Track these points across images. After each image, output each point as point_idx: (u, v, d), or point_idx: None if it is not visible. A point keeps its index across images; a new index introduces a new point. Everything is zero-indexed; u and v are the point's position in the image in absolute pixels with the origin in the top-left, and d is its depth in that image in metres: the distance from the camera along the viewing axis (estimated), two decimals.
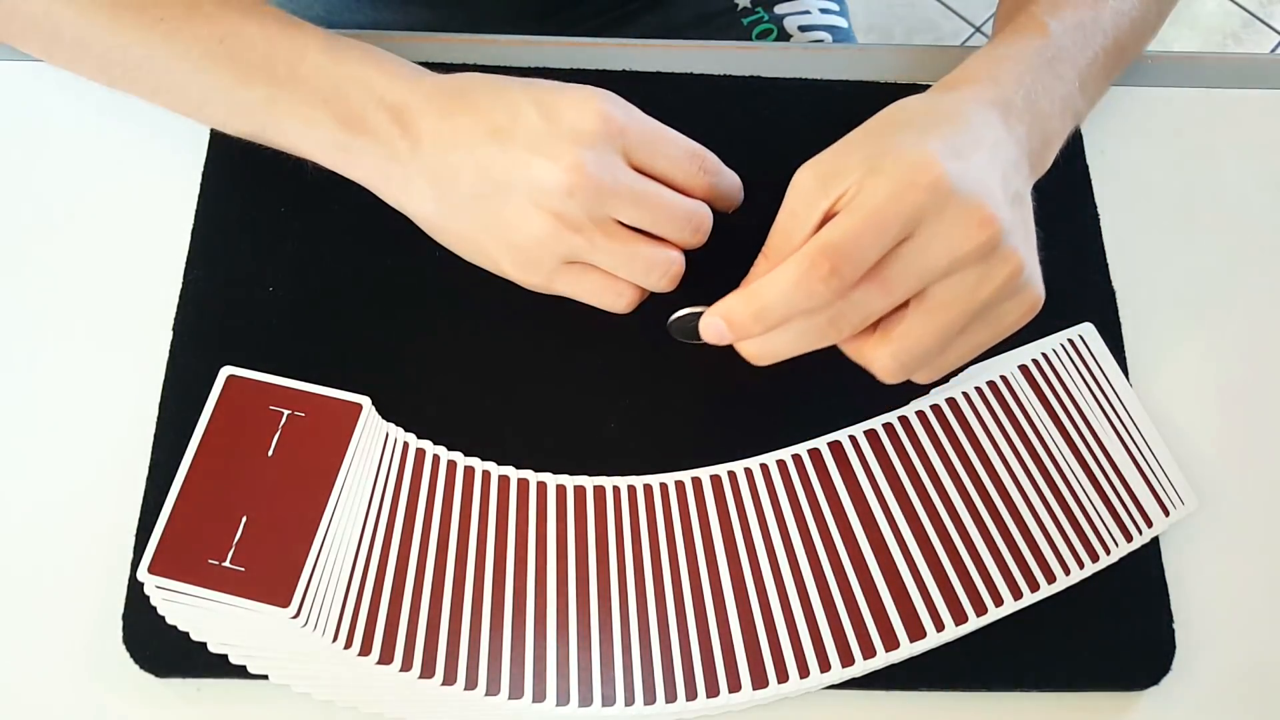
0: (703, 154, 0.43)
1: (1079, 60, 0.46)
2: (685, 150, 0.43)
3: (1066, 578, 0.45)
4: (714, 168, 0.44)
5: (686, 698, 0.42)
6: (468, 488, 0.46)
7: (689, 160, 0.43)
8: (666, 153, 0.42)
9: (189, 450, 0.45)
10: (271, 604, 0.42)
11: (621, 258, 0.42)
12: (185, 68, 0.45)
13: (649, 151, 0.42)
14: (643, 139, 0.42)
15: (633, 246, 0.42)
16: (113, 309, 0.50)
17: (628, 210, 0.41)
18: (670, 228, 0.42)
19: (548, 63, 0.56)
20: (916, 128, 0.40)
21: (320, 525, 0.44)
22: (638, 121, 0.42)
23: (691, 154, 0.43)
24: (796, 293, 0.38)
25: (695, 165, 0.43)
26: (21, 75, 0.54)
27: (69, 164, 0.53)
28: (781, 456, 0.47)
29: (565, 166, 0.40)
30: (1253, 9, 1.62)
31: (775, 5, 0.72)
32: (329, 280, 0.50)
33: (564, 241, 0.42)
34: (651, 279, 0.43)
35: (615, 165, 0.41)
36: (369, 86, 0.43)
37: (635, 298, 0.44)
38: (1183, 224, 0.54)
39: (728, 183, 0.45)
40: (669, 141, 0.43)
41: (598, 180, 0.40)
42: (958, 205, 0.38)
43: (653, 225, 0.42)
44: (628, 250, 0.42)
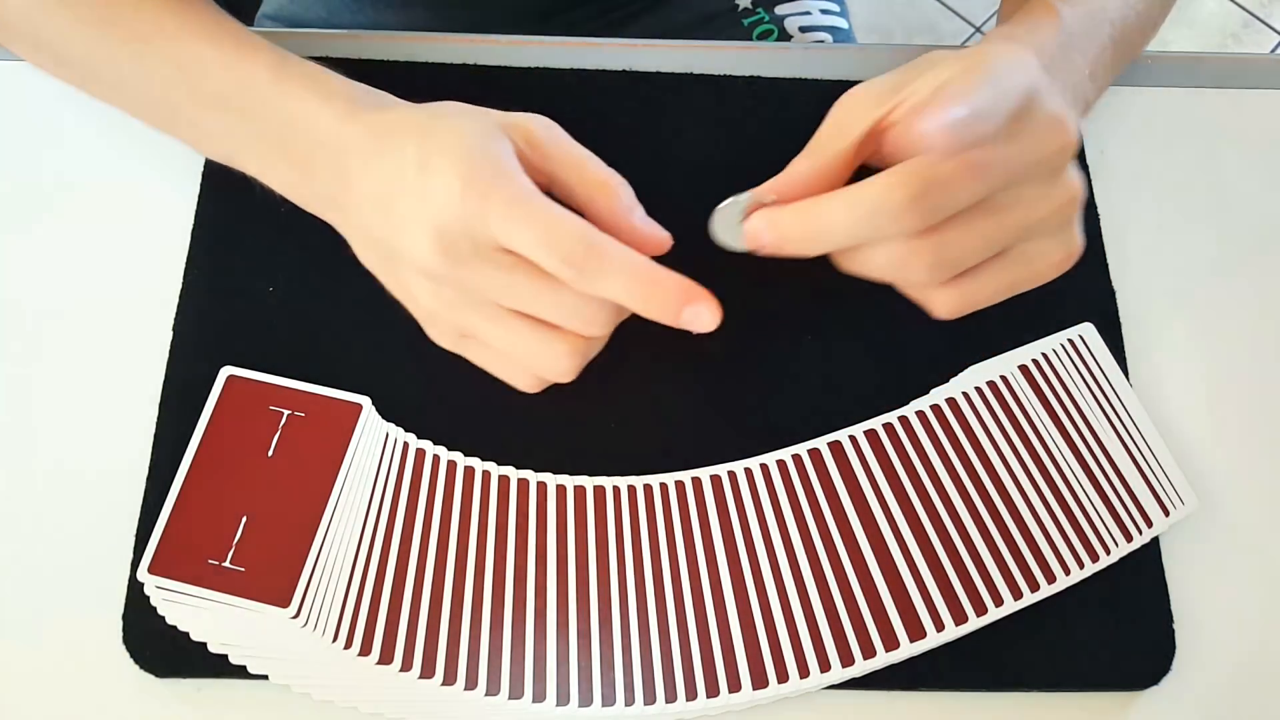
0: (570, 239, 0.36)
1: (1089, 49, 0.46)
2: (544, 235, 0.35)
3: (1066, 578, 0.45)
4: (583, 256, 0.36)
5: (686, 698, 0.42)
6: (468, 488, 0.46)
7: (545, 249, 0.36)
8: (525, 237, 0.36)
9: (189, 450, 0.45)
10: (271, 604, 0.42)
11: (505, 343, 0.39)
12: (153, 92, 0.45)
13: (509, 234, 0.36)
14: (503, 219, 0.36)
15: (516, 333, 0.38)
16: (113, 309, 0.50)
17: (502, 298, 0.37)
18: (556, 316, 0.37)
19: (548, 63, 0.56)
20: (969, 59, 0.39)
21: (320, 525, 0.44)
22: (501, 200, 0.36)
23: (551, 241, 0.35)
24: (878, 218, 0.36)
25: (554, 255, 0.35)
26: (21, 75, 0.54)
27: (69, 164, 0.53)
28: (781, 456, 0.47)
29: (428, 245, 0.36)
30: (1253, 9, 1.62)
31: (776, 6, 0.72)
32: (329, 280, 0.50)
33: (449, 312, 0.39)
34: (543, 367, 0.39)
35: (475, 253, 0.36)
36: (311, 127, 0.40)
37: (536, 381, 0.40)
38: (1183, 224, 0.54)
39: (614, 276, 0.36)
40: (529, 221, 0.36)
41: (454, 270, 0.37)
42: (1049, 110, 0.37)
43: (537, 311, 0.38)
44: (510, 336, 0.38)
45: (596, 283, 0.36)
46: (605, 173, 0.39)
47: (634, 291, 0.36)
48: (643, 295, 0.37)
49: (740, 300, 0.50)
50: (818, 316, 0.51)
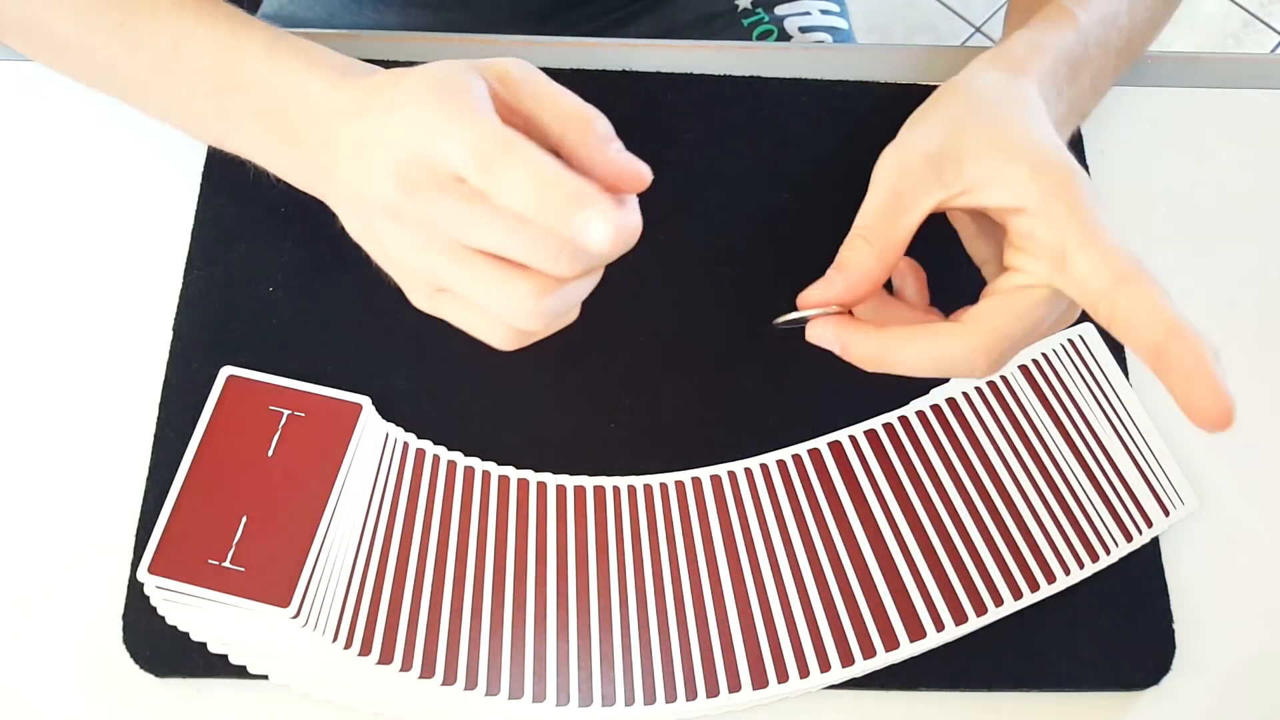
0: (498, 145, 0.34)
1: (1099, 60, 0.45)
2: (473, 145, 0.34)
3: (1067, 578, 0.45)
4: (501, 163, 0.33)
5: (686, 698, 0.42)
6: (468, 488, 0.46)
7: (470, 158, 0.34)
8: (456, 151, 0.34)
9: (189, 450, 0.45)
10: (271, 604, 0.42)
11: (469, 285, 0.36)
12: (145, 75, 0.45)
13: (446, 153, 0.34)
14: (444, 140, 0.34)
15: (479, 272, 0.36)
16: (113, 309, 0.50)
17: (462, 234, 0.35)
18: (522, 253, 0.35)
19: (548, 63, 0.55)
20: (1019, 121, 0.38)
21: (320, 525, 0.44)
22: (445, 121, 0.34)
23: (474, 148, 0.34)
24: (945, 366, 0.37)
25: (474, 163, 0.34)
26: (21, 75, 0.54)
27: (69, 164, 0.53)
28: (781, 456, 0.47)
29: (389, 179, 0.35)
30: (1253, 9, 1.62)
31: (775, 6, 0.72)
32: (329, 280, 0.50)
33: (414, 262, 0.37)
34: (509, 310, 0.36)
35: (433, 185, 0.35)
36: (302, 96, 0.40)
37: (510, 334, 0.38)
38: (1183, 224, 0.54)
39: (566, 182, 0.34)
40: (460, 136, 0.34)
41: (410, 199, 0.35)
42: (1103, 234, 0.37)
43: (501, 251, 0.35)
44: (474, 276, 0.36)
45: (504, 184, 0.33)
46: (580, 106, 0.37)
47: (533, 192, 0.33)
48: (539, 196, 0.33)
49: (740, 300, 0.50)
50: None
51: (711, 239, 0.44)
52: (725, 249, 0.50)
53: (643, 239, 0.46)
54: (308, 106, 0.40)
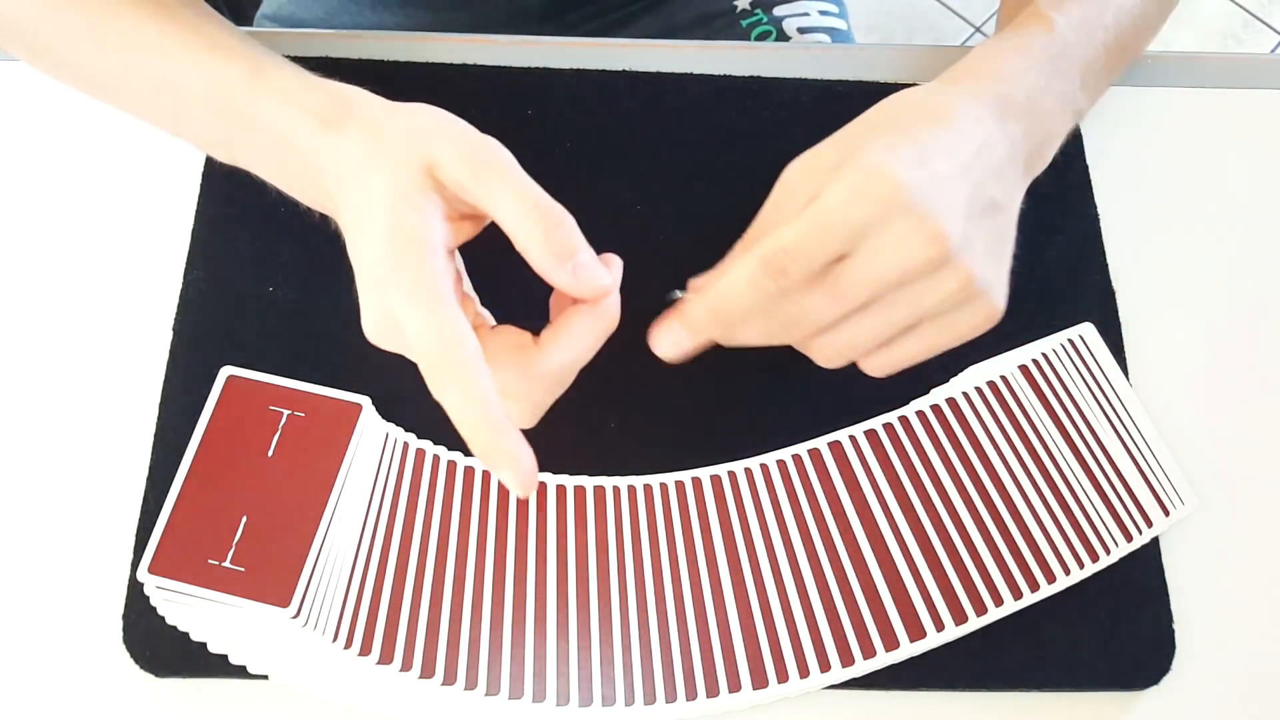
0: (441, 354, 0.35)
1: (1082, 57, 0.46)
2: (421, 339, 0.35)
3: (1066, 578, 0.45)
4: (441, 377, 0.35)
5: (686, 698, 0.42)
6: (468, 488, 0.46)
7: (419, 352, 0.35)
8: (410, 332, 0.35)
9: (189, 450, 0.45)
10: (271, 604, 0.42)
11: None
12: (146, 98, 0.45)
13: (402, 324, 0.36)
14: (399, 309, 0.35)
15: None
16: (113, 309, 0.50)
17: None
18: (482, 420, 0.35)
19: (548, 63, 0.56)
20: (897, 129, 0.40)
21: (320, 525, 0.44)
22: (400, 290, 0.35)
23: (423, 345, 0.35)
24: (748, 291, 0.39)
25: (421, 358, 0.35)
26: (21, 75, 0.54)
27: (69, 164, 0.53)
28: (781, 456, 0.47)
29: (364, 309, 0.38)
30: (1253, 9, 1.62)
31: (774, 7, 0.72)
32: (329, 280, 0.50)
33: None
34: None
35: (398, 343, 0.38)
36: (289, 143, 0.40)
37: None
38: (1183, 224, 0.54)
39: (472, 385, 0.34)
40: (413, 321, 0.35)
41: (381, 333, 0.38)
42: (908, 218, 0.38)
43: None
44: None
45: (442, 394, 0.35)
46: (540, 210, 0.37)
47: (464, 420, 0.34)
48: (470, 428, 0.34)
49: None
50: None
51: (711, 239, 0.44)
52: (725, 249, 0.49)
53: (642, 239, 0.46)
54: (295, 151, 0.40)
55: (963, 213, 0.39)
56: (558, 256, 0.36)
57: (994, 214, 0.41)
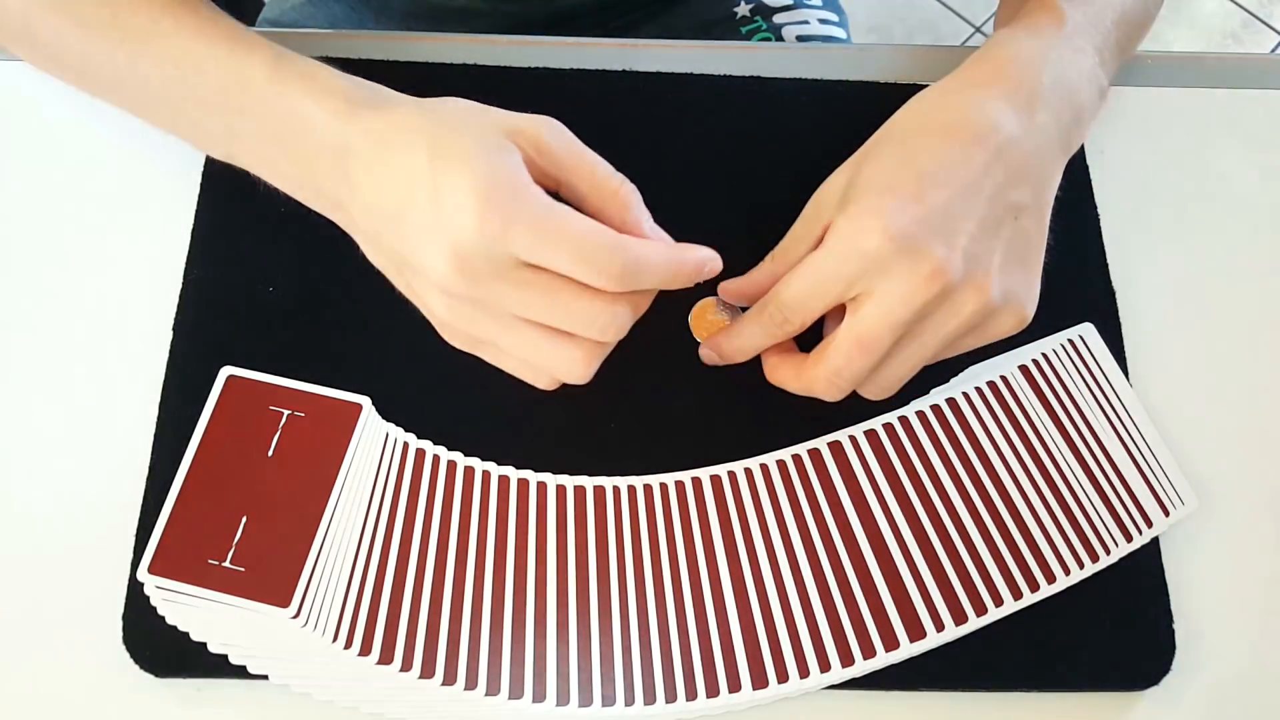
0: (605, 253, 0.37)
1: (1095, 35, 0.46)
2: (579, 252, 0.36)
3: (1066, 578, 0.45)
4: (621, 267, 0.37)
5: (686, 698, 0.42)
6: (468, 488, 0.46)
7: (583, 265, 0.37)
8: (558, 257, 0.36)
9: (189, 450, 0.45)
10: (271, 604, 0.42)
11: (521, 350, 0.39)
12: (150, 94, 0.44)
13: (539, 255, 0.36)
14: (530, 240, 0.36)
15: (531, 340, 0.39)
16: (113, 309, 0.50)
17: (519, 310, 0.38)
18: (574, 328, 0.38)
19: (548, 63, 0.56)
20: (902, 158, 0.41)
21: (320, 525, 0.44)
22: (525, 221, 0.36)
23: (587, 257, 0.36)
24: (765, 339, 0.43)
25: (593, 270, 0.37)
26: (21, 75, 0.54)
27: (69, 164, 0.53)
28: (781, 456, 0.47)
29: (446, 265, 0.37)
30: (1253, 9, 1.62)
31: (774, 14, 0.72)
32: (329, 280, 0.50)
33: (465, 325, 0.39)
34: (560, 370, 0.40)
35: (493, 273, 0.37)
36: (310, 127, 0.40)
37: (552, 383, 0.41)
38: (1183, 224, 0.54)
39: (655, 273, 0.38)
40: (560, 241, 0.36)
41: (472, 291, 0.37)
42: (902, 262, 0.39)
43: (554, 322, 0.38)
44: (526, 343, 0.39)
45: (636, 285, 0.38)
46: (616, 180, 0.40)
47: (667, 279, 0.39)
48: (673, 278, 0.39)
49: None
50: None
51: (711, 239, 0.44)
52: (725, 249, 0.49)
53: None
54: (316, 136, 0.40)
55: (969, 236, 0.40)
56: (640, 221, 0.40)
57: (1015, 218, 0.41)
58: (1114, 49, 0.47)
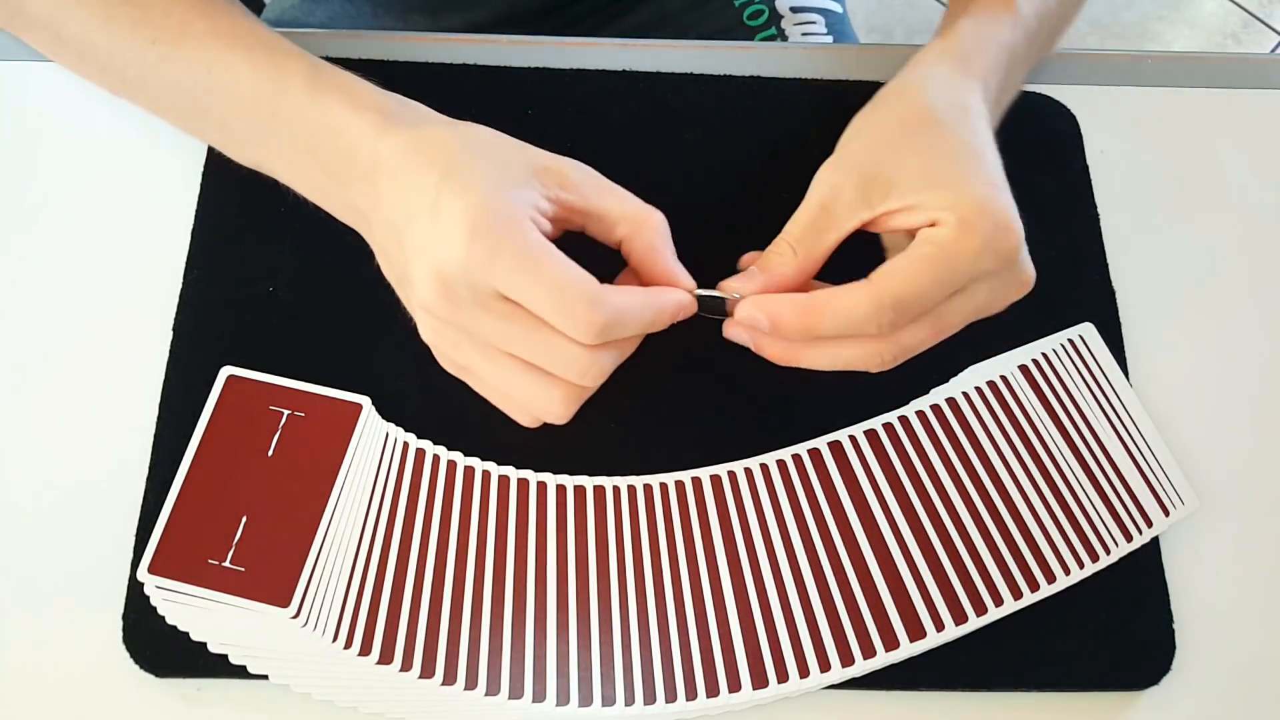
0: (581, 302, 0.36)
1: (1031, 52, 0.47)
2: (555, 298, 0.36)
3: (1066, 578, 0.45)
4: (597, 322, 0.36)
5: (686, 698, 0.42)
6: (468, 488, 0.46)
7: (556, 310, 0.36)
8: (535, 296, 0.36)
9: (189, 450, 0.45)
10: (271, 604, 0.42)
11: (498, 383, 0.39)
12: (178, 95, 0.44)
13: (518, 291, 0.36)
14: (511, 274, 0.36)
15: (509, 374, 0.38)
16: (113, 309, 0.50)
17: (498, 343, 0.37)
18: (552, 368, 0.38)
19: (548, 63, 0.56)
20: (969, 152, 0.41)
21: (320, 525, 0.44)
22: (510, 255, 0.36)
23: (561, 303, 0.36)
24: (855, 325, 0.39)
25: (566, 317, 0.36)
26: (21, 75, 0.54)
27: (69, 164, 0.53)
28: (781, 456, 0.47)
29: (430, 286, 0.36)
30: (1253, 9, 1.62)
31: None
32: (329, 280, 0.50)
33: (448, 348, 0.39)
34: (537, 408, 0.39)
35: (473, 303, 0.36)
36: (346, 140, 0.40)
37: (533, 421, 0.40)
38: (1183, 224, 0.54)
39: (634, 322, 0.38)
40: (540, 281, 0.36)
41: (454, 313, 0.37)
42: (1016, 269, 0.40)
43: (532, 359, 0.38)
44: (504, 377, 0.38)
45: (616, 336, 0.37)
46: (649, 209, 0.40)
47: (647, 326, 0.39)
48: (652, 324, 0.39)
49: None
50: None
51: (711, 239, 0.44)
52: (725, 249, 0.49)
53: None
54: (350, 148, 0.40)
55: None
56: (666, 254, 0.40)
57: None
58: (1036, 59, 0.49)
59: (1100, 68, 0.58)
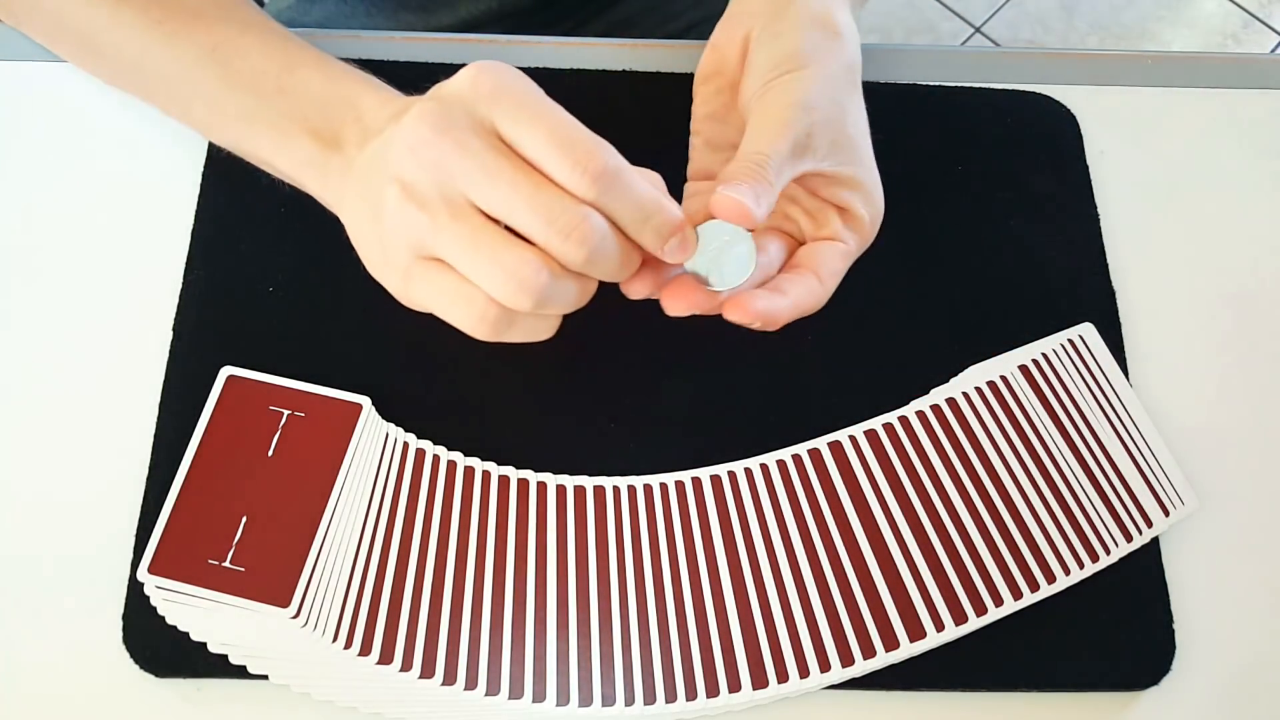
0: (588, 147, 0.34)
1: None
2: (562, 136, 0.34)
3: (1066, 578, 0.45)
4: (600, 169, 0.34)
5: (686, 698, 0.42)
6: (468, 488, 0.46)
7: (562, 150, 0.34)
8: (535, 133, 0.34)
9: (189, 450, 0.45)
10: (271, 604, 0.42)
11: (466, 247, 0.35)
12: (177, 70, 0.45)
13: (516, 128, 0.34)
14: (514, 109, 0.34)
15: (480, 234, 0.34)
16: (113, 309, 0.50)
17: (475, 180, 0.34)
18: (530, 221, 0.34)
19: (548, 63, 0.56)
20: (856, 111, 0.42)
21: (320, 525, 0.44)
22: (516, 91, 0.34)
23: (569, 142, 0.34)
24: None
25: (569, 159, 0.34)
26: (21, 75, 0.54)
27: (69, 164, 0.53)
28: (781, 456, 0.47)
29: (411, 119, 0.35)
30: (1253, 9, 1.62)
31: None
32: (329, 280, 0.50)
33: (410, 222, 0.35)
34: (499, 282, 0.35)
35: (467, 127, 0.34)
36: (354, 106, 0.40)
37: (491, 312, 0.36)
38: (1183, 224, 0.54)
39: (625, 199, 0.35)
40: (545, 118, 0.34)
41: (440, 135, 0.34)
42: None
43: (508, 213, 0.34)
44: (473, 238, 0.34)
45: (610, 196, 0.35)
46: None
47: (637, 213, 0.35)
48: (643, 219, 0.36)
49: None
50: (818, 316, 0.50)
51: None
52: None
53: None
54: (357, 113, 0.41)
55: None
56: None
57: None
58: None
59: (1100, 68, 0.58)
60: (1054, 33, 1.59)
